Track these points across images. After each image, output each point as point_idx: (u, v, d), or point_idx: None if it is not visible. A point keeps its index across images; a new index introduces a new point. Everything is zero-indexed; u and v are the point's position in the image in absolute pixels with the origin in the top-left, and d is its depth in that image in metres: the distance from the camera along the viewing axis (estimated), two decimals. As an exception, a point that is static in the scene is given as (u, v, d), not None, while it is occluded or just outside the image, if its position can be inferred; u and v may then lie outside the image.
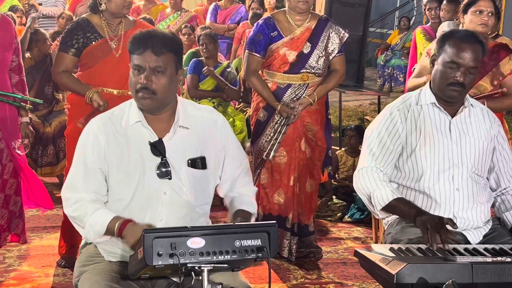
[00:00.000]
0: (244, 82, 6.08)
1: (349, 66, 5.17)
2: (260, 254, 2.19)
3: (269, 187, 4.37)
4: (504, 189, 2.98)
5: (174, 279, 2.47)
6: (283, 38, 4.24)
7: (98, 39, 3.92)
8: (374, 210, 2.86)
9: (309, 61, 4.23)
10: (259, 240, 2.20)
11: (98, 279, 2.42)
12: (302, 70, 4.24)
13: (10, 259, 4.35)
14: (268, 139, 4.32)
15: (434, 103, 2.92)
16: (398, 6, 15.19)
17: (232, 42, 8.01)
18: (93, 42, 3.92)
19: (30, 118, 4.22)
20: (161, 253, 2.11)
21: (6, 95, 3.95)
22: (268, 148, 4.30)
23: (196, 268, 2.15)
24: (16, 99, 4.03)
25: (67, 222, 2.91)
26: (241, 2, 8.88)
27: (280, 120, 4.29)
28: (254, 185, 2.91)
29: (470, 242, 2.81)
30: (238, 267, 2.36)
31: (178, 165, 2.56)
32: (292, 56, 4.23)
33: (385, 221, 2.98)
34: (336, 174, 5.93)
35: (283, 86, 4.27)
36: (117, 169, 2.54)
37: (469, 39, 2.83)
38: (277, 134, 4.29)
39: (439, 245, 2.48)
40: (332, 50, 4.30)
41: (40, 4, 8.12)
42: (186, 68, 6.11)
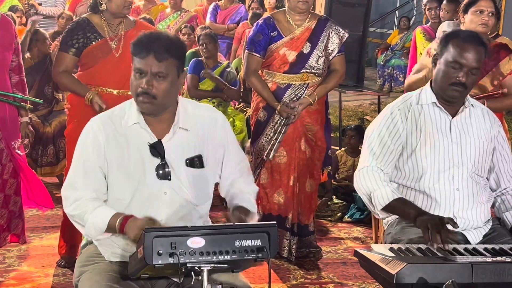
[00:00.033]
0: (244, 82, 6.08)
1: (349, 66, 5.17)
2: (260, 255, 2.19)
3: (269, 187, 4.37)
4: (504, 189, 2.99)
5: (174, 279, 2.47)
6: (283, 38, 4.23)
7: (98, 39, 3.92)
8: (375, 210, 2.86)
9: (309, 61, 4.23)
10: (259, 240, 2.20)
11: (98, 279, 2.42)
12: (302, 70, 4.24)
13: (10, 259, 4.34)
14: (268, 139, 4.32)
15: (434, 103, 2.92)
16: (398, 6, 15.19)
17: (232, 42, 8.02)
18: (93, 42, 3.92)
19: (30, 118, 4.22)
20: (161, 252, 2.11)
21: (6, 95, 3.95)
22: (268, 148, 4.30)
23: (196, 268, 2.15)
24: (16, 99, 4.03)
25: (67, 222, 2.91)
26: (241, 2, 8.88)
27: (280, 120, 4.28)
28: (254, 185, 2.91)
29: (470, 242, 2.81)
30: (238, 269, 2.36)
31: (178, 165, 2.56)
32: (292, 56, 4.23)
33: (385, 221, 2.98)
34: (336, 174, 5.93)
35: (283, 86, 4.27)
36: (117, 168, 2.54)
37: (472, 40, 2.83)
38: (277, 134, 4.29)
39: (440, 245, 2.48)
40: (332, 50, 4.30)
41: (40, 4, 8.11)
42: (186, 68, 6.11)
